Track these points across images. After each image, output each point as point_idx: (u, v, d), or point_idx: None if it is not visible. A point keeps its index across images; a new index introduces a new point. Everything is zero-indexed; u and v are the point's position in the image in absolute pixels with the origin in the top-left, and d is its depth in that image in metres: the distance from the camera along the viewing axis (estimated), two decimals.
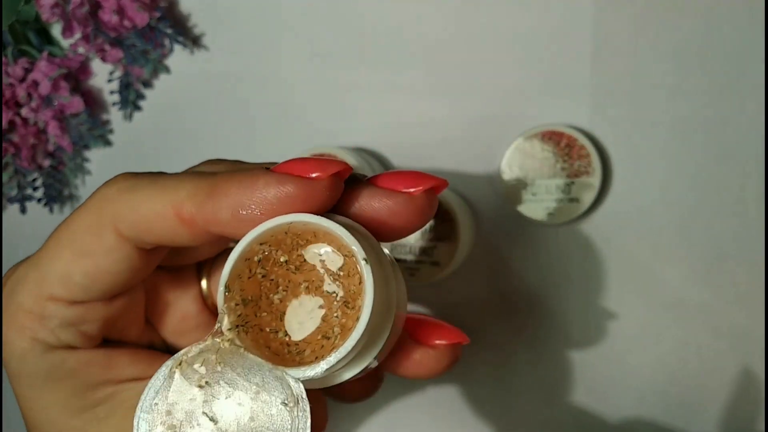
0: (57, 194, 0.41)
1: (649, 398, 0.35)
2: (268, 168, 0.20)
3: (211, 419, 0.19)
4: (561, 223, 0.35)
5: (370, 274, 0.19)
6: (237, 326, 0.20)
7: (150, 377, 0.24)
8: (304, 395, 0.19)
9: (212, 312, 0.27)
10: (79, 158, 0.41)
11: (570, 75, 0.34)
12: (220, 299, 0.19)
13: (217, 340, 0.19)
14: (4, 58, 0.39)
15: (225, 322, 0.19)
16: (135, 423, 0.20)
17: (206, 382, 0.19)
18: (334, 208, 0.21)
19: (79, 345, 0.23)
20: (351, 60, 0.37)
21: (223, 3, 0.39)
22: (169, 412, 0.19)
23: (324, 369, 0.19)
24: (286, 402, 0.19)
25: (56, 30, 0.40)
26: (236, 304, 0.20)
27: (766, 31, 0.32)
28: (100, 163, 0.41)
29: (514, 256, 0.36)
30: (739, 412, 0.34)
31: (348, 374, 0.21)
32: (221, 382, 0.19)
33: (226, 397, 0.19)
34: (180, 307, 0.26)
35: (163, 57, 0.39)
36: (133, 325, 0.25)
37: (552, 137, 0.34)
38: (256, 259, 0.20)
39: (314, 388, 0.21)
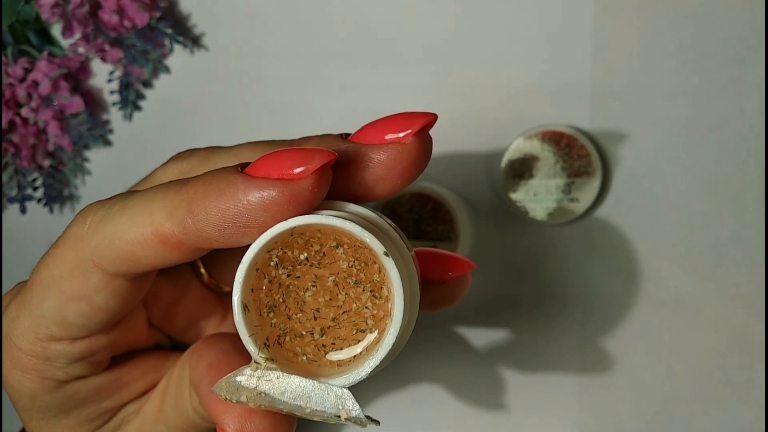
0: (57, 194, 0.41)
1: (649, 398, 0.35)
2: (243, 166, 0.19)
3: None
4: (561, 223, 0.35)
5: (394, 268, 0.18)
6: (271, 342, 0.19)
7: (160, 381, 0.24)
8: (354, 402, 0.18)
9: (216, 294, 0.26)
10: (79, 158, 0.41)
11: (570, 75, 0.34)
12: (239, 324, 0.18)
13: (251, 371, 0.19)
14: (4, 58, 0.39)
15: (252, 348, 0.19)
16: None
17: (258, 407, 0.19)
18: None
19: (89, 374, 0.23)
20: (351, 60, 0.37)
21: (223, 3, 0.38)
22: None
23: (368, 372, 0.18)
24: (338, 414, 0.18)
25: (56, 30, 0.40)
26: (267, 314, 0.19)
27: (766, 31, 0.32)
28: (100, 163, 0.41)
29: (514, 256, 0.36)
30: (739, 413, 0.34)
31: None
32: (272, 405, 0.19)
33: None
34: (182, 305, 0.26)
35: (163, 57, 0.39)
36: (138, 337, 0.25)
37: (552, 137, 0.34)
38: (272, 263, 0.19)
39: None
